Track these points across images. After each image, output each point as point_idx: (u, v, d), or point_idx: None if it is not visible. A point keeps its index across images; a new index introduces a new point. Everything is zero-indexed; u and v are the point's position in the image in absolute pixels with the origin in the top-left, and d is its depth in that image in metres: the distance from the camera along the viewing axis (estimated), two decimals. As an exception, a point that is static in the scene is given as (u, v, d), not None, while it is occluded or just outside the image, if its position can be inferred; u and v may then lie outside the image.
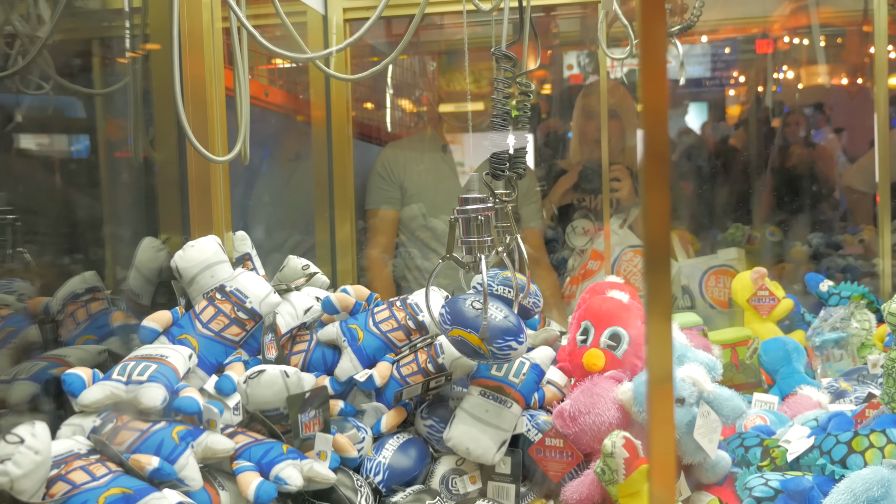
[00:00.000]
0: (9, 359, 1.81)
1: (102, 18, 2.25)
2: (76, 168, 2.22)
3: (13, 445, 1.26)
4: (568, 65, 4.98)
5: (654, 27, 0.77)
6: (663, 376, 0.72)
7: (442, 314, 1.59)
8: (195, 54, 2.04)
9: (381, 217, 3.05)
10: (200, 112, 1.97)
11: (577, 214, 3.27)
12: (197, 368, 1.70)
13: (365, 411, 1.79)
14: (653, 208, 0.73)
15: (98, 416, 1.52)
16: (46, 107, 2.26)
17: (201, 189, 1.95)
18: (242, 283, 1.78)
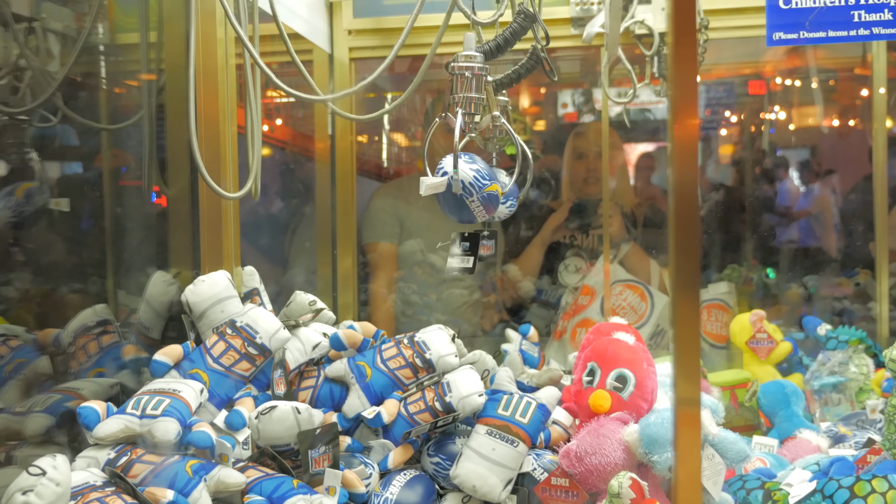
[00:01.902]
0: (19, 390, 1.85)
1: (118, 53, 2.31)
2: (87, 200, 2.28)
3: (35, 477, 1.31)
4: (562, 103, 5.08)
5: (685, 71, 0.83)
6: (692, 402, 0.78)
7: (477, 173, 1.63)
8: (209, 91, 2.10)
9: (381, 251, 3.11)
10: (213, 148, 2.02)
11: (569, 252, 3.35)
12: (208, 403, 1.74)
13: (372, 448, 1.84)
14: (681, 239, 0.79)
15: (112, 448, 1.56)
16: (54, 138, 2.32)
17: (212, 224, 2.00)
18: (253, 319, 1.84)
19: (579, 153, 3.39)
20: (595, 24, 2.69)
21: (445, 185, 1.62)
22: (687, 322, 0.80)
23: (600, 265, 3.11)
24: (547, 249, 3.40)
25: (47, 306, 2.31)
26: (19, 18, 2.17)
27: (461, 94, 1.68)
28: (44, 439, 1.64)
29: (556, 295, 3.34)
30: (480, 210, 1.67)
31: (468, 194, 1.64)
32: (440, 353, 1.89)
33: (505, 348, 2.32)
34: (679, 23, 0.85)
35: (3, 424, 1.68)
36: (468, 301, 3.23)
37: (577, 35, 2.84)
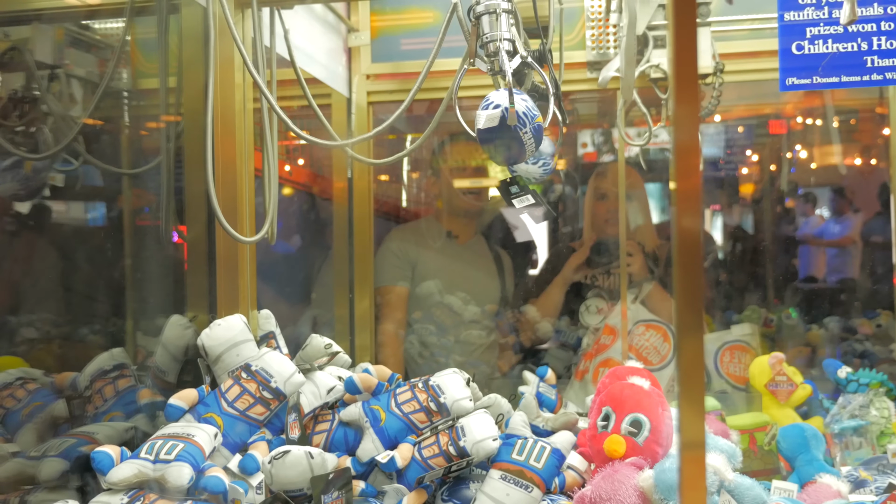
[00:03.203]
0: (35, 433, 1.87)
1: (138, 98, 2.36)
2: (106, 243, 2.31)
3: (48, 523, 1.32)
4: (582, 143, 5.11)
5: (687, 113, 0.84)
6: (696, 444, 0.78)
7: (527, 105, 1.63)
8: (227, 135, 2.14)
9: (396, 294, 3.13)
10: (230, 191, 2.06)
11: (590, 293, 3.34)
12: (222, 447, 1.75)
13: (386, 492, 1.83)
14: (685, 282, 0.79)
15: (126, 493, 1.57)
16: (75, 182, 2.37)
17: (228, 267, 2.03)
18: (268, 363, 1.85)
19: (601, 193, 3.40)
20: (610, 68, 2.71)
21: (500, 118, 1.62)
22: (691, 365, 0.80)
23: (622, 305, 3.11)
24: (568, 290, 3.40)
25: (66, 348, 2.34)
26: (41, 65, 2.23)
27: (493, 32, 1.69)
28: (58, 484, 1.66)
29: (575, 336, 3.33)
30: (531, 142, 1.66)
31: (522, 125, 1.64)
32: (455, 398, 1.89)
33: (522, 390, 2.31)
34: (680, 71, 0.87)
35: (17, 468, 1.70)
36: (485, 342, 3.23)
37: (593, 78, 2.87)
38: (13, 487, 1.68)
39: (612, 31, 2.91)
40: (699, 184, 0.79)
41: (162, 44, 2.15)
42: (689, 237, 0.75)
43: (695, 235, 0.75)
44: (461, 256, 3.26)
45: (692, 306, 0.76)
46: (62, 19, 2.28)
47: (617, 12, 2.81)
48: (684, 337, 0.78)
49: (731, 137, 5.03)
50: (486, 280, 3.31)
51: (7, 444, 1.83)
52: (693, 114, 0.80)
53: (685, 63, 0.86)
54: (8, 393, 1.92)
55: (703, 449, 0.82)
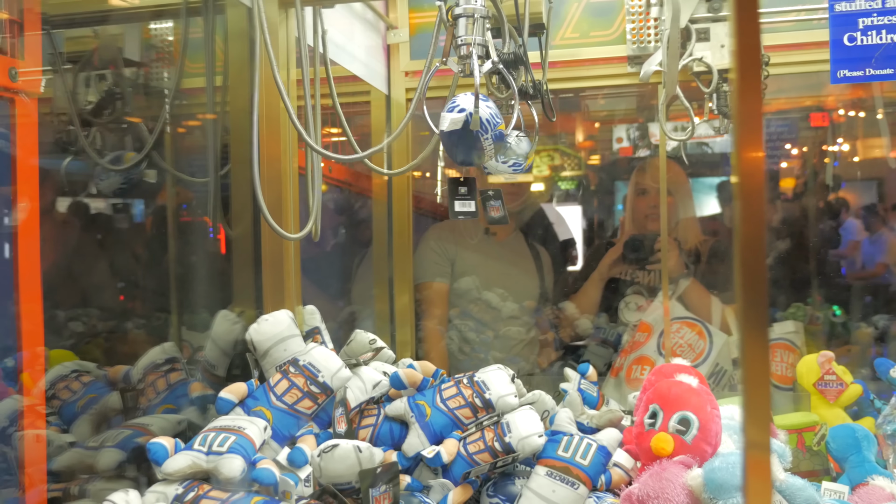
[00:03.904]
0: (90, 424, 1.94)
1: (185, 97, 2.42)
2: (154, 241, 2.37)
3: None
4: (617, 137, 5.10)
5: (750, 103, 0.86)
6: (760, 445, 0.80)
7: (491, 111, 1.68)
8: (272, 133, 2.19)
9: (435, 290, 3.17)
10: (275, 189, 2.11)
11: (630, 290, 3.35)
12: (271, 440, 1.80)
13: (432, 487, 1.87)
14: (748, 277, 0.80)
15: (180, 484, 1.63)
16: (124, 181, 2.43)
17: (274, 264, 2.08)
18: (315, 358, 1.89)
19: (642, 189, 3.41)
20: (652, 62, 2.72)
21: (463, 121, 1.66)
22: (756, 364, 0.82)
23: (659, 302, 3.11)
24: (607, 287, 3.41)
25: (116, 343, 2.41)
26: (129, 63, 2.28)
27: (468, 35, 1.73)
28: (115, 473, 1.72)
29: (615, 333, 3.34)
30: (490, 148, 1.71)
31: (484, 131, 1.68)
32: (499, 394, 1.92)
33: (564, 388, 2.34)
34: (743, 59, 0.88)
35: (76, 458, 1.76)
36: (525, 339, 3.26)
37: (633, 73, 2.88)
38: (72, 476, 1.75)
39: (653, 24, 2.91)
40: (763, 179, 0.81)
41: (209, 44, 2.20)
42: (752, 234, 0.77)
43: (759, 232, 0.77)
44: (499, 253, 3.29)
45: (756, 304, 0.78)
46: (114, 21, 2.34)
47: (658, 5, 2.81)
48: (748, 335, 0.80)
49: (773, 131, 5.00)
50: (525, 277, 3.34)
51: (63, 434, 1.90)
52: (756, 108, 0.82)
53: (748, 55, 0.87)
54: (64, 385, 1.99)
55: (767, 451, 0.84)
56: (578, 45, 2.86)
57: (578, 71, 2.86)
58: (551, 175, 5.32)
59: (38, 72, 1.77)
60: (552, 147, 4.97)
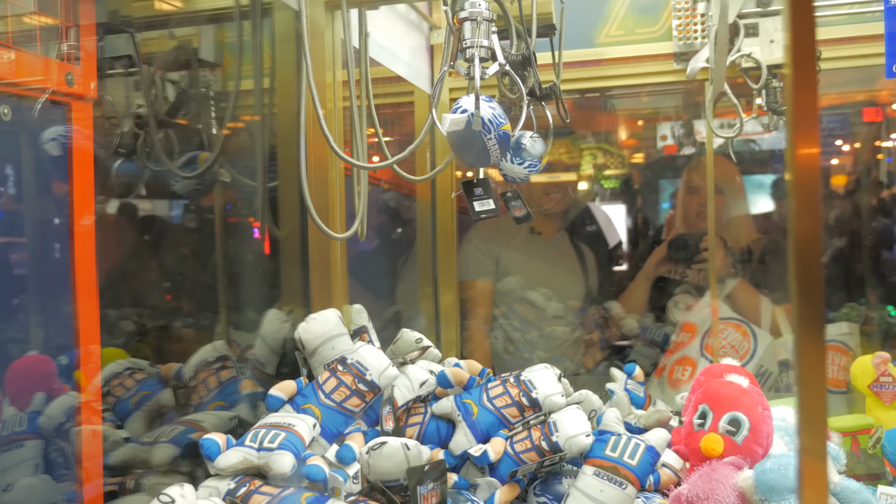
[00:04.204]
0: (144, 420, 1.99)
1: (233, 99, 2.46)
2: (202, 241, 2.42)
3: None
4: (662, 135, 5.06)
5: (805, 98, 0.86)
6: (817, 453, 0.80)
7: (494, 112, 1.69)
8: (318, 134, 2.22)
9: (479, 289, 3.18)
10: (321, 189, 2.14)
11: (679, 289, 3.33)
12: (319, 437, 1.83)
13: (479, 485, 1.88)
14: (804, 278, 0.80)
15: (232, 479, 1.66)
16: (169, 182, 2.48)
17: (321, 263, 2.11)
18: (363, 356, 1.92)
19: (692, 187, 3.39)
20: (699, 59, 2.71)
21: (465, 122, 1.68)
22: (812, 367, 0.82)
23: (704, 301, 3.09)
24: (655, 286, 3.40)
25: (165, 341, 2.46)
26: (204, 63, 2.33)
27: (473, 39, 1.75)
28: (169, 468, 1.76)
29: (662, 333, 3.33)
30: (496, 148, 1.72)
31: (487, 132, 1.69)
32: (546, 393, 1.93)
33: (610, 388, 2.34)
34: (798, 53, 0.88)
35: (131, 453, 1.81)
36: (570, 339, 3.26)
37: (679, 70, 2.87)
38: (128, 471, 1.80)
39: (700, 20, 2.89)
40: (818, 177, 0.81)
41: (256, 46, 2.24)
42: (808, 232, 0.77)
43: (815, 230, 0.77)
44: (544, 252, 3.30)
45: (812, 304, 0.78)
46: (161, 25, 2.39)
47: (704, 1, 2.80)
48: (804, 337, 0.79)
49: (824, 127, 4.92)
50: (570, 276, 3.34)
51: (118, 430, 1.95)
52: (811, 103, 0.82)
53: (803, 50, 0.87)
54: (118, 382, 2.05)
55: (823, 458, 0.84)
56: (623, 42, 2.85)
57: (623, 69, 2.86)
58: (594, 174, 5.31)
59: (93, 76, 1.82)
60: (595, 145, 4.95)
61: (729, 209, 3.39)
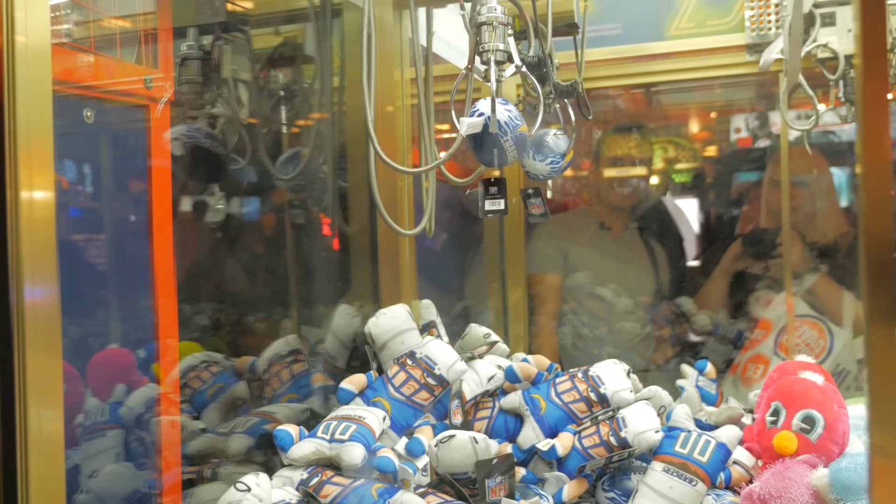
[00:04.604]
0: (219, 412, 2.06)
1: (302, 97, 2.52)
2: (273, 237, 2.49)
3: (241, 493, 1.47)
4: (735, 127, 4.98)
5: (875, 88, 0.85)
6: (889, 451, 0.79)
7: (510, 114, 1.73)
8: (387, 131, 2.27)
9: (547, 283, 3.19)
10: (390, 186, 2.18)
11: (760, 285, 3.28)
12: (389, 430, 1.87)
13: (547, 480, 1.90)
14: (873, 272, 0.79)
15: (305, 469, 1.71)
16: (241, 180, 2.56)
17: (390, 259, 2.15)
18: (432, 351, 1.95)
19: (777, 180, 3.33)
20: (773, 50, 2.66)
21: (482, 125, 1.72)
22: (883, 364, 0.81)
23: (781, 298, 3.04)
24: (735, 282, 3.35)
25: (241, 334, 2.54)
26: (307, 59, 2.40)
27: (490, 42, 1.77)
28: (244, 458, 1.82)
29: (735, 329, 3.28)
30: (513, 149, 1.75)
31: (503, 133, 1.72)
32: (615, 388, 1.94)
33: (681, 384, 2.32)
34: (868, 42, 0.87)
35: (208, 443, 1.88)
36: (640, 334, 3.24)
37: (752, 62, 2.82)
38: (205, 461, 1.87)
39: (774, 10, 2.84)
40: (889, 168, 0.81)
41: (325, 45, 2.29)
42: (878, 225, 0.76)
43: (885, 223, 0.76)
44: (613, 248, 3.29)
45: (882, 298, 0.77)
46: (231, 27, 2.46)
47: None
48: (875, 331, 0.79)
49: (894, 119, 4.77)
50: (640, 272, 3.32)
51: (194, 421, 2.02)
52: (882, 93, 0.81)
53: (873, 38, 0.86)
54: (194, 374, 2.12)
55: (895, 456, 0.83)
56: (694, 34, 2.82)
57: (694, 61, 2.83)
58: (665, 168, 5.25)
59: (170, 78, 1.89)
60: (665, 139, 4.89)
61: (815, 202, 3.32)
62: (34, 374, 1.19)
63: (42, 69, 1.23)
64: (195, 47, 2.01)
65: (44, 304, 1.22)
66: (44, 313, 1.22)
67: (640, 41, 2.77)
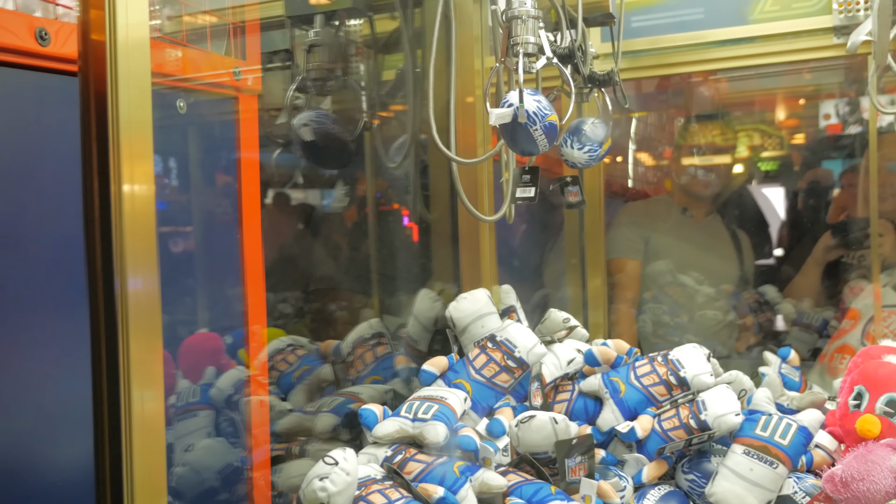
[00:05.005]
0: (305, 393, 2.15)
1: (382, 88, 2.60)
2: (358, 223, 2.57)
3: (330, 466, 1.54)
4: (825, 114, 4.86)
5: None
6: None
7: (539, 104, 1.76)
8: (467, 120, 2.32)
9: (628, 269, 3.19)
10: (471, 173, 2.23)
11: (854, 274, 3.22)
12: (470, 411, 1.93)
13: (626, 461, 1.93)
14: None
15: (389, 447, 1.79)
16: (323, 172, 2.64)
17: (471, 245, 2.21)
18: (512, 334, 2.00)
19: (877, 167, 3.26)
20: (861, 31, 2.61)
21: (512, 115, 1.76)
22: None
23: (870, 288, 2.98)
24: (829, 271, 3.30)
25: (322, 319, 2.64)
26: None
27: (521, 36, 1.83)
28: (331, 436, 1.91)
29: (819, 318, 3.23)
30: (543, 139, 1.79)
31: (532, 123, 1.76)
32: (695, 372, 1.95)
33: (763, 371, 2.31)
34: None
35: (296, 422, 1.97)
36: (722, 322, 3.22)
37: (840, 44, 2.77)
38: (292, 438, 1.96)
39: (864, -10, 2.78)
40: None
41: (407, 34, 2.35)
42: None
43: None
44: (695, 235, 3.27)
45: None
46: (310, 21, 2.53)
47: (868, -30, 2.69)
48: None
49: None
50: (722, 260, 3.29)
51: (282, 402, 2.12)
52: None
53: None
54: (281, 357, 2.22)
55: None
56: (779, 17, 2.79)
57: (779, 45, 2.79)
58: (750, 156, 5.17)
59: (258, 70, 1.98)
60: (751, 126, 4.81)
61: None
62: (137, 357, 1.26)
63: (142, 63, 1.30)
64: (321, 34, 2.07)
65: (145, 293, 1.28)
66: (145, 301, 1.28)
67: (723, 26, 2.75)
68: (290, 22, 2.12)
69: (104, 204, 1.25)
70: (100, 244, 1.25)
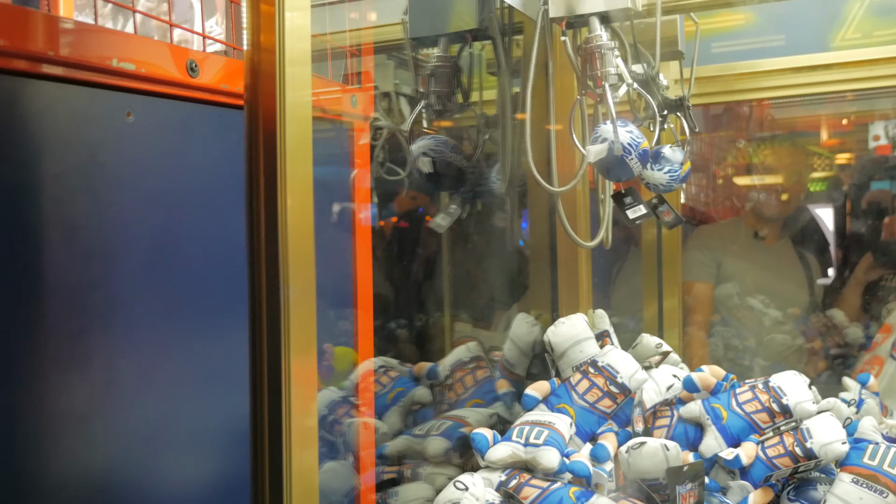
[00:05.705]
0: (399, 415, 2.20)
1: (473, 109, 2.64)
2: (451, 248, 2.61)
3: (460, 492, 1.59)
4: (874, 135, 4.90)
5: None
6: None
7: (631, 134, 1.87)
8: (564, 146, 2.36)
9: (699, 291, 3.23)
10: (570, 200, 2.27)
11: (893, 296, 3.25)
12: (575, 436, 1.97)
13: (730, 488, 1.96)
14: None
15: (502, 471, 1.83)
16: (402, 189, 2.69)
17: (569, 270, 2.25)
18: (614, 360, 2.04)
19: None
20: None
21: (607, 150, 1.87)
22: None
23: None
24: (869, 292, 3.34)
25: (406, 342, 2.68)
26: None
27: (602, 69, 1.92)
28: (442, 460, 1.95)
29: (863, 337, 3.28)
30: (637, 165, 1.90)
31: (627, 153, 1.87)
32: (797, 399, 1.99)
33: (843, 397, 2.34)
34: None
35: (406, 445, 2.01)
36: (791, 346, 3.25)
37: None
38: (400, 461, 2.00)
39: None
40: None
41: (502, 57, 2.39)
42: None
43: None
44: (766, 259, 3.31)
45: None
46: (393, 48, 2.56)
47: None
48: None
49: None
50: (791, 283, 3.34)
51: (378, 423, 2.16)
52: None
53: None
54: (373, 379, 2.27)
55: None
56: (860, 45, 2.83)
57: (860, 72, 2.83)
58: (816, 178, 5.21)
59: (371, 97, 2.04)
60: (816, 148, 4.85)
61: None
62: (297, 374, 1.32)
63: (304, 95, 1.36)
64: (444, 59, 2.13)
65: (305, 310, 1.34)
66: (305, 318, 1.34)
67: (803, 52, 2.80)
68: (411, 44, 2.17)
69: (270, 235, 1.30)
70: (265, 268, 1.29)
